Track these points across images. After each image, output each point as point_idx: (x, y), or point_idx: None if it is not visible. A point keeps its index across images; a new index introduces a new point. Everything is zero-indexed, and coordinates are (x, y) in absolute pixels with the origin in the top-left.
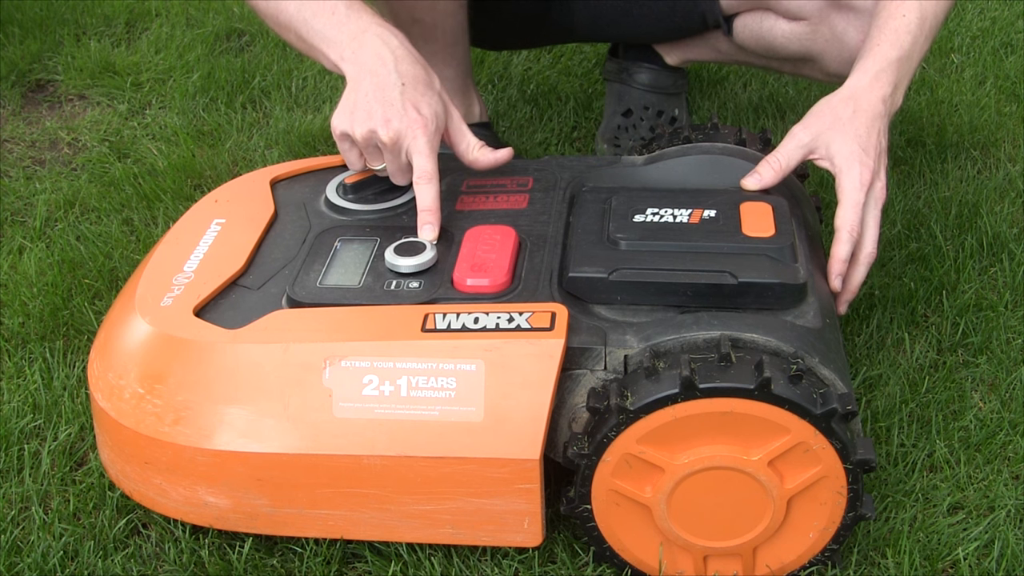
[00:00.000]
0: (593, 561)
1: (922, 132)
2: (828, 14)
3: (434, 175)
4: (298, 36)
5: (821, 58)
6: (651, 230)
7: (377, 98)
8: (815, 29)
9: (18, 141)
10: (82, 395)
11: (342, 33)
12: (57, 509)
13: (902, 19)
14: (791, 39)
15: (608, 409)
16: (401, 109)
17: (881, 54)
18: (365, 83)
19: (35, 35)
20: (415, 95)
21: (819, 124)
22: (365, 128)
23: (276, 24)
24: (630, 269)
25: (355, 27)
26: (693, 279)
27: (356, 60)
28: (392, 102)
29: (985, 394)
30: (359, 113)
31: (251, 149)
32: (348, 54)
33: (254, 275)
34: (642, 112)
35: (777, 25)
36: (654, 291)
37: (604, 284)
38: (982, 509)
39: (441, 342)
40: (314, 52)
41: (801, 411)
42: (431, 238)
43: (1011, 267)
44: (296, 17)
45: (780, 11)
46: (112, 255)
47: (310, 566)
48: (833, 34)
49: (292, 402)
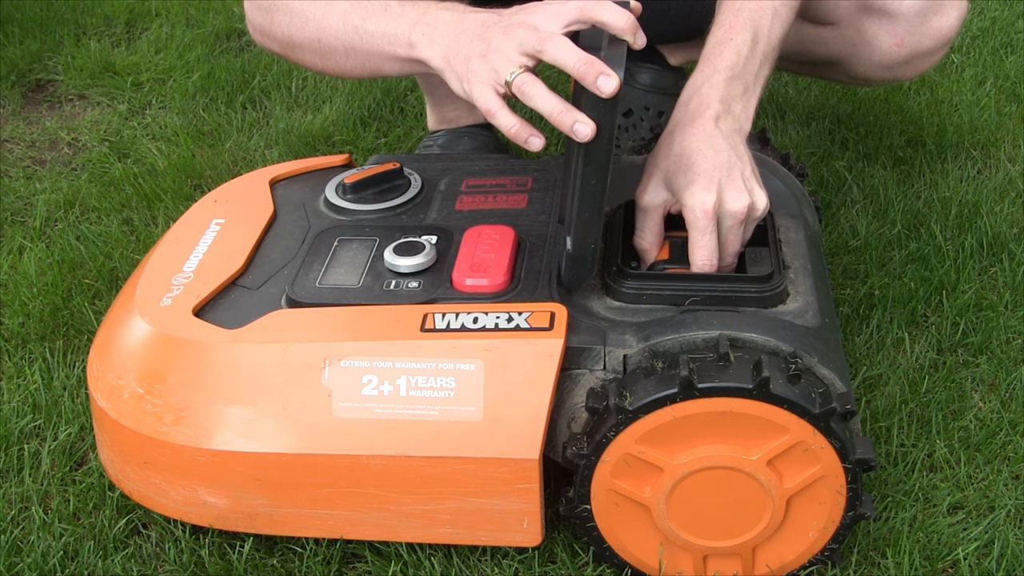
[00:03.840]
0: (593, 561)
1: (922, 132)
2: (859, 18)
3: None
4: (350, 49)
5: (847, 62)
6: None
7: (485, 36)
8: (843, 33)
9: (18, 141)
10: (82, 395)
11: (402, 23)
12: (57, 509)
13: (730, 42)
14: (817, 43)
15: (607, 409)
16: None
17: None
18: (462, 41)
19: (35, 35)
20: (516, 17)
21: (658, 174)
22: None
23: (319, 51)
24: (572, 224)
25: (413, 13)
26: (586, 176)
27: (432, 38)
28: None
29: (985, 394)
30: (477, 62)
31: (251, 149)
32: (418, 38)
33: (253, 275)
34: (642, 112)
35: (803, 29)
36: (589, 216)
37: (577, 258)
38: (982, 509)
39: (440, 342)
40: (373, 59)
41: (800, 411)
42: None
43: (1011, 267)
44: (344, 29)
45: (808, 15)
46: (112, 255)
47: (310, 566)
48: (863, 39)
49: (291, 402)
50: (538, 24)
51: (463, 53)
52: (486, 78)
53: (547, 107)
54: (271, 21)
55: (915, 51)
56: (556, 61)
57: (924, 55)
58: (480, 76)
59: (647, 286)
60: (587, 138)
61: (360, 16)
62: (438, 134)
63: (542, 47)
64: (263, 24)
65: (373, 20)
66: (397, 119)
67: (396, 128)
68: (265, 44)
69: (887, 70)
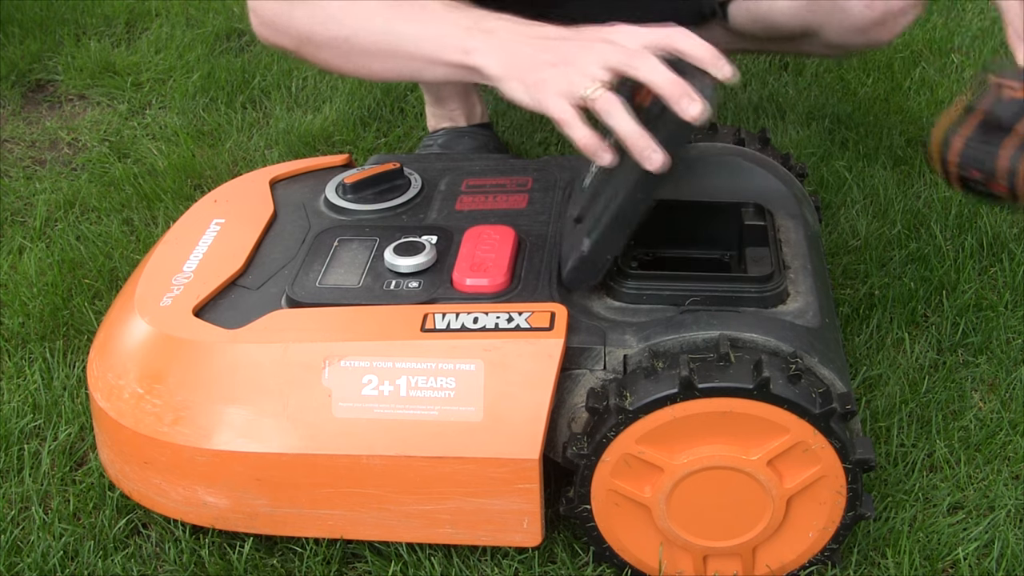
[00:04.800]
0: (593, 561)
1: (922, 132)
2: None
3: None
4: (386, 52)
5: (822, 30)
6: (597, 186)
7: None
8: (815, 1)
9: (18, 141)
10: (82, 395)
11: (454, 28)
12: (57, 509)
13: None
14: (789, 15)
15: (607, 409)
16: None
17: None
18: (526, 51)
19: (35, 35)
20: (594, 33)
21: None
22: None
23: (345, 51)
24: (593, 230)
25: (466, 20)
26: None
27: (490, 45)
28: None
29: (985, 394)
30: (547, 72)
31: (251, 149)
32: (475, 44)
33: (253, 275)
34: None
35: (776, 3)
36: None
37: (588, 261)
38: (982, 509)
39: (440, 342)
40: (413, 64)
41: (800, 411)
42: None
43: (1011, 267)
44: (381, 31)
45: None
46: (112, 255)
47: (310, 566)
48: (834, 4)
49: (291, 402)
50: (623, 42)
51: (530, 62)
52: (561, 88)
53: (626, 129)
54: (289, 15)
55: (886, 11)
56: (646, 78)
57: (897, 14)
58: (554, 86)
59: (647, 286)
60: (658, 168)
61: (401, 19)
62: (438, 134)
63: (630, 63)
64: (276, 17)
65: (417, 24)
66: (397, 119)
67: (396, 128)
68: (272, 39)
69: (862, 33)
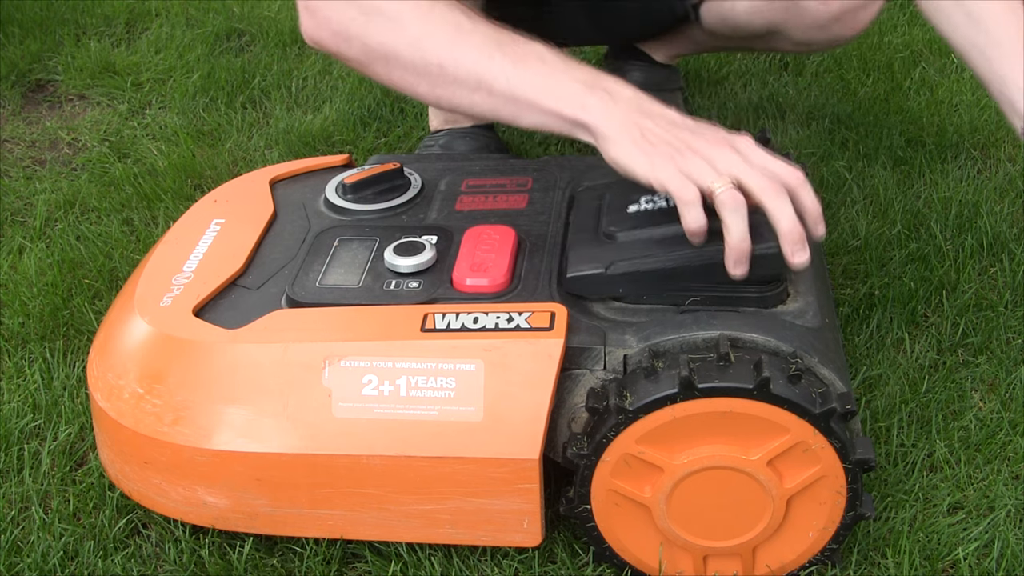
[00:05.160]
0: (593, 561)
1: (922, 132)
2: None
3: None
4: (484, 88)
5: (785, 28)
6: (645, 218)
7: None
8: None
9: (18, 141)
10: (82, 395)
11: (571, 82)
12: (57, 509)
13: None
14: (752, 13)
15: (607, 409)
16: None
17: None
18: (649, 124)
19: (35, 35)
20: (722, 135)
21: None
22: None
23: (434, 77)
24: (626, 260)
25: (584, 75)
26: (689, 260)
27: (610, 107)
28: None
29: (985, 394)
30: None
31: (251, 149)
32: (594, 103)
33: (253, 275)
34: None
35: (738, 3)
36: (653, 278)
37: (603, 279)
38: (982, 509)
39: (440, 342)
40: (515, 106)
41: (800, 411)
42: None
43: (1011, 267)
44: (485, 67)
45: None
46: (112, 255)
47: (310, 566)
48: (791, 2)
49: (291, 402)
50: (752, 158)
51: (654, 137)
52: (689, 171)
53: (738, 234)
54: (365, 26)
55: (842, 7)
56: (773, 212)
57: (854, 9)
58: (682, 166)
59: None
60: (736, 277)
61: (510, 60)
62: (439, 134)
63: (762, 187)
64: (348, 26)
65: (530, 70)
66: (397, 119)
67: (396, 128)
68: (332, 45)
69: (823, 30)
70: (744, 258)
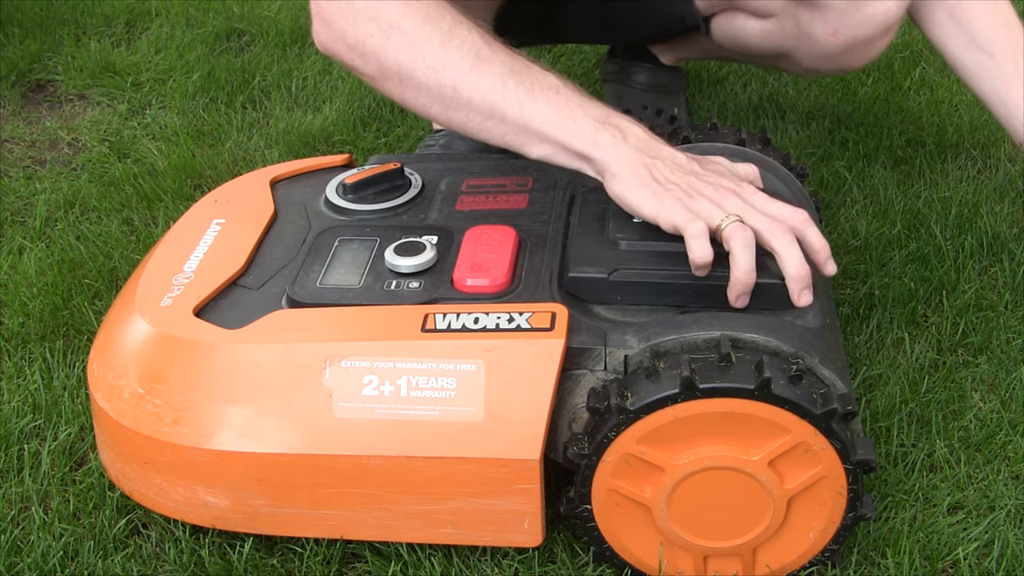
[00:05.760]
0: (593, 561)
1: (922, 132)
2: (793, 10)
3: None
4: (497, 116)
5: (793, 54)
6: (651, 230)
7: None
8: (783, 26)
9: (18, 141)
10: (82, 395)
11: (583, 118)
12: (57, 509)
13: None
14: (762, 36)
15: (608, 409)
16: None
17: None
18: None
19: (35, 35)
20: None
21: None
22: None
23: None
24: (630, 269)
25: (595, 112)
26: (693, 279)
27: (619, 144)
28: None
29: (985, 394)
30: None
31: (251, 149)
32: (605, 140)
33: (254, 275)
34: (641, 112)
35: (748, 24)
36: (654, 291)
37: (604, 284)
38: (982, 509)
39: (441, 342)
40: (526, 136)
41: (801, 411)
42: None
43: (1011, 267)
44: (499, 95)
45: (748, 9)
46: (112, 255)
47: (310, 566)
48: (800, 30)
49: (292, 402)
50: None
51: (663, 178)
52: (698, 211)
53: (745, 267)
54: (383, 44)
55: (852, 40)
56: (782, 255)
57: (864, 43)
58: (687, 205)
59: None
60: (736, 306)
61: (525, 90)
62: (439, 134)
63: (772, 231)
64: (365, 41)
65: (544, 103)
66: (397, 119)
67: (396, 128)
68: (349, 59)
69: (829, 60)
70: (748, 292)
